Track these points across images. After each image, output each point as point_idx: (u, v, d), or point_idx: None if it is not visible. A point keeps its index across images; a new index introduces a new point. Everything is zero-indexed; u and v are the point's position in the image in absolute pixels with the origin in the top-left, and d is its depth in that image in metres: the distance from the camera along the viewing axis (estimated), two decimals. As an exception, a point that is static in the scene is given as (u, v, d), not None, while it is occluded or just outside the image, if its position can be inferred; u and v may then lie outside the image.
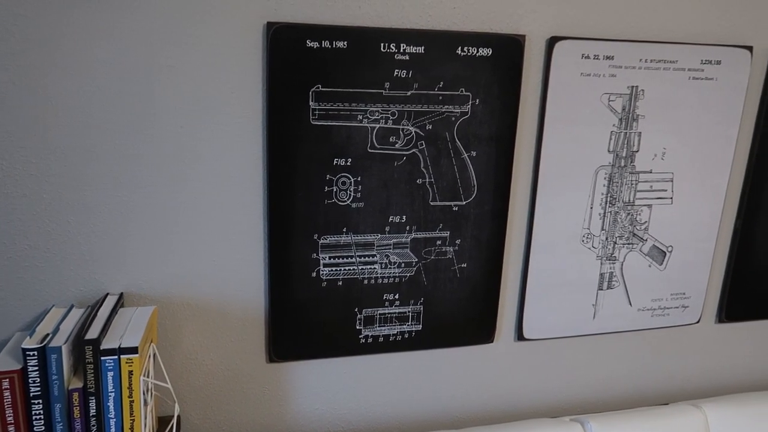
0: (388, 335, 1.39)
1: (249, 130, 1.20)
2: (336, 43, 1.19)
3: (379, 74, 1.22)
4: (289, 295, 1.30)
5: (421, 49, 1.23)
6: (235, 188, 1.23)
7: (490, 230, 1.39)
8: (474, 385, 1.51)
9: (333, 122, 1.23)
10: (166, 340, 1.28)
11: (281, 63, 1.17)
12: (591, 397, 1.62)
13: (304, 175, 1.24)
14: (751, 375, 1.76)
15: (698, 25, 1.41)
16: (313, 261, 1.30)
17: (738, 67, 1.45)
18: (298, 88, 1.19)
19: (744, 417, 1.51)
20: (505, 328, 1.49)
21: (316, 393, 1.40)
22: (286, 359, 1.35)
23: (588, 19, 1.33)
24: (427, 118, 1.28)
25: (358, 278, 1.33)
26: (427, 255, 1.36)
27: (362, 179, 1.28)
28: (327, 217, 1.28)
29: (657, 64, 1.39)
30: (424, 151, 1.29)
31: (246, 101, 1.19)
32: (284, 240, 1.27)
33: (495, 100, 1.30)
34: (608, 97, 1.38)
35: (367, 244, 1.32)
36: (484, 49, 1.27)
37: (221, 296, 1.28)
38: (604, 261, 1.50)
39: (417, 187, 1.31)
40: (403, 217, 1.32)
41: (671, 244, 1.54)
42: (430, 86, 1.26)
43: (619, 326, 1.56)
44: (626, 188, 1.46)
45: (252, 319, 1.31)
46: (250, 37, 1.16)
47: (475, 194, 1.35)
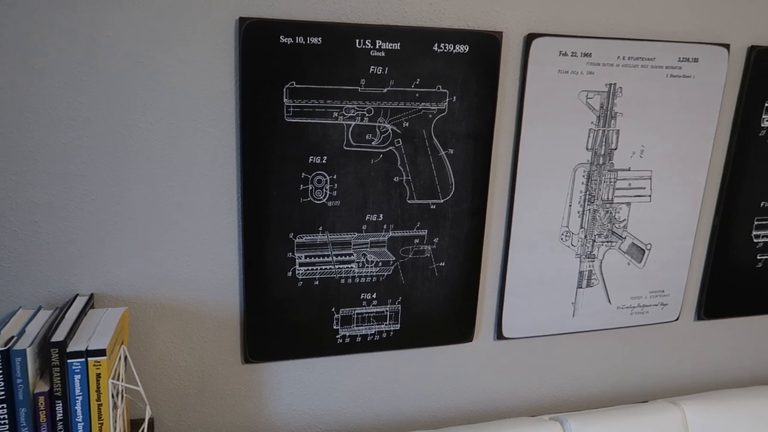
0: (365, 335, 1.38)
1: (222, 128, 1.18)
2: (310, 39, 1.17)
3: (355, 71, 1.21)
4: (264, 295, 1.28)
5: (397, 46, 1.22)
6: (209, 187, 1.21)
7: (468, 228, 1.37)
8: (453, 384, 1.50)
9: (308, 119, 1.21)
10: (139, 342, 1.25)
11: (254, 59, 1.15)
12: (571, 396, 1.61)
13: (278, 173, 1.22)
14: (730, 372, 1.77)
15: (676, 23, 1.41)
16: (289, 260, 1.28)
17: (715, 64, 1.45)
18: (272, 84, 1.17)
19: (722, 414, 1.52)
20: (484, 327, 1.48)
21: (293, 394, 1.38)
22: (261, 360, 1.33)
23: (566, 16, 1.32)
24: (403, 115, 1.26)
25: (335, 277, 1.32)
26: (405, 254, 1.35)
27: (338, 177, 1.26)
28: (303, 215, 1.26)
29: (635, 61, 1.39)
30: (401, 149, 1.28)
31: (219, 98, 1.17)
32: (259, 239, 1.25)
33: (472, 97, 1.29)
34: (586, 95, 1.38)
35: (343, 243, 1.30)
36: (461, 46, 1.26)
37: (195, 297, 1.26)
38: (583, 259, 1.50)
39: (394, 185, 1.30)
40: (380, 215, 1.31)
41: (650, 242, 1.54)
42: (407, 83, 1.24)
43: (599, 324, 1.56)
44: (605, 186, 1.46)
45: (227, 319, 1.29)
46: (222, 33, 1.14)
47: (453, 192, 1.34)
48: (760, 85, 1.51)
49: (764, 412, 1.54)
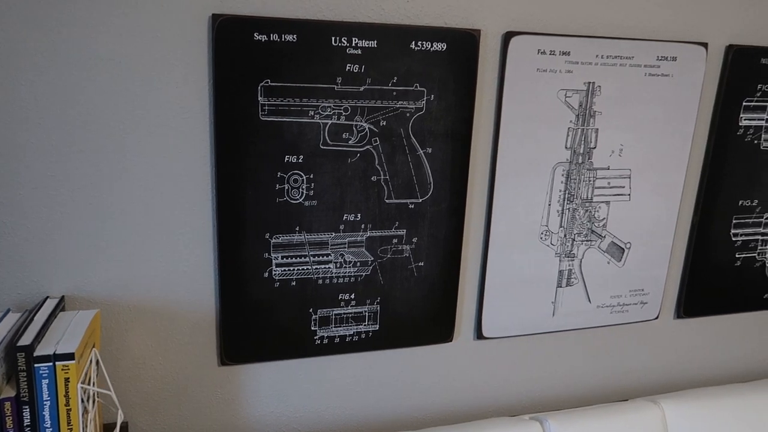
0: (344, 336, 1.36)
1: (195, 127, 1.16)
2: (285, 36, 1.15)
3: (331, 69, 1.19)
4: (240, 296, 1.27)
5: (373, 44, 1.20)
6: (182, 186, 1.19)
7: (447, 228, 1.37)
8: (433, 384, 1.49)
9: (283, 118, 1.19)
10: (112, 345, 1.23)
11: (228, 57, 1.13)
12: (551, 395, 1.61)
13: (254, 172, 1.20)
14: (709, 370, 1.78)
15: (654, 22, 1.41)
16: (265, 261, 1.26)
17: (693, 63, 1.45)
18: (247, 82, 1.15)
19: (700, 412, 1.52)
20: (464, 327, 1.47)
21: (271, 396, 1.36)
22: (238, 362, 1.31)
23: (544, 14, 1.32)
24: (380, 113, 1.25)
25: (313, 278, 1.30)
26: (383, 254, 1.34)
27: (315, 177, 1.24)
28: (279, 215, 1.24)
29: (613, 60, 1.39)
30: (379, 148, 1.27)
31: (192, 96, 1.15)
32: (234, 239, 1.23)
33: (450, 95, 1.28)
34: (565, 93, 1.37)
35: (320, 243, 1.29)
36: (439, 44, 1.25)
37: (170, 298, 1.24)
38: (562, 258, 1.49)
39: (371, 184, 1.28)
40: (357, 215, 1.29)
41: (629, 241, 1.54)
42: (384, 81, 1.23)
43: (579, 323, 1.56)
44: (584, 185, 1.45)
45: (202, 321, 1.27)
46: (194, 30, 1.12)
47: (432, 191, 1.33)
48: (738, 84, 1.51)
49: (742, 410, 1.54)
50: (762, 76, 1.52)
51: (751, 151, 1.58)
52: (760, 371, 1.84)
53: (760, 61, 1.51)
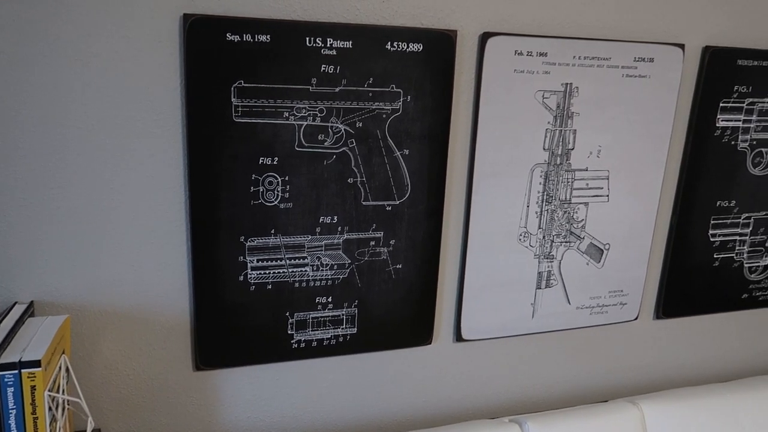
0: (321, 339, 1.35)
1: (167, 128, 1.14)
2: (258, 37, 1.14)
3: (305, 70, 1.18)
4: (215, 300, 1.25)
5: (348, 44, 1.19)
6: (154, 189, 1.17)
7: (425, 230, 1.36)
8: (412, 387, 1.48)
9: (257, 119, 1.18)
10: (83, 351, 1.21)
11: (200, 57, 1.11)
12: (531, 397, 1.61)
13: (227, 174, 1.19)
14: (689, 370, 1.79)
15: (631, 23, 1.41)
16: (240, 264, 1.24)
17: (670, 64, 1.46)
18: (219, 83, 1.14)
19: (679, 412, 1.52)
20: (443, 330, 1.46)
21: (248, 401, 1.35)
22: (214, 367, 1.29)
23: (520, 15, 1.31)
24: (356, 115, 1.24)
25: (289, 281, 1.29)
26: (361, 256, 1.32)
27: (290, 179, 1.23)
28: (254, 218, 1.23)
29: (591, 61, 1.38)
30: (355, 150, 1.26)
31: (163, 98, 1.13)
32: (209, 243, 1.21)
33: (427, 96, 1.27)
34: (542, 95, 1.37)
35: (297, 246, 1.27)
36: (415, 45, 1.24)
37: (143, 303, 1.22)
38: (541, 259, 1.49)
39: (348, 186, 1.27)
40: (334, 217, 1.28)
41: (608, 242, 1.54)
42: (360, 82, 1.22)
43: (558, 325, 1.56)
44: (562, 186, 1.45)
45: (176, 325, 1.25)
46: (165, 30, 1.10)
47: (409, 193, 1.32)
48: (715, 85, 1.52)
49: (720, 410, 1.55)
50: (738, 77, 1.53)
51: (728, 151, 1.59)
52: (739, 371, 1.84)
53: (737, 63, 1.52)
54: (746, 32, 1.52)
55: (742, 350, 1.83)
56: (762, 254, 1.72)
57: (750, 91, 1.55)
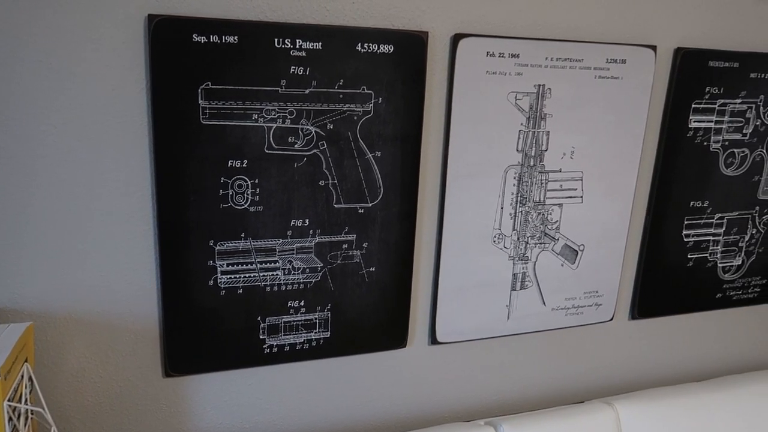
0: (294, 344, 1.33)
1: (133, 131, 1.12)
2: (225, 38, 1.12)
3: (274, 71, 1.16)
4: (185, 305, 1.23)
5: (318, 45, 1.18)
6: (121, 192, 1.14)
7: (398, 232, 1.35)
8: (387, 391, 1.47)
9: (226, 122, 1.16)
10: (48, 359, 1.18)
11: (166, 59, 1.09)
12: (508, 399, 1.61)
13: (196, 178, 1.17)
14: (665, 370, 1.79)
15: (603, 24, 1.41)
16: (210, 268, 1.22)
17: (643, 66, 1.46)
18: (186, 85, 1.12)
19: (654, 412, 1.53)
20: (418, 332, 1.45)
21: (219, 407, 1.33)
22: (184, 373, 1.27)
23: (493, 16, 1.31)
24: (327, 117, 1.23)
25: (260, 285, 1.27)
26: (333, 259, 1.31)
27: (260, 182, 1.21)
28: (223, 222, 1.21)
29: (563, 62, 1.38)
30: (326, 152, 1.24)
31: (129, 100, 1.11)
32: (177, 247, 1.19)
33: (399, 98, 1.26)
34: (515, 96, 1.36)
35: (267, 250, 1.26)
36: (386, 46, 1.23)
37: (110, 308, 1.19)
38: (516, 261, 1.49)
39: (319, 189, 1.26)
40: (305, 220, 1.27)
41: (583, 243, 1.54)
42: (330, 84, 1.21)
43: (534, 326, 1.56)
44: (536, 188, 1.45)
45: (145, 331, 1.23)
46: (129, 31, 1.08)
47: (382, 196, 1.31)
48: (687, 87, 1.52)
49: (694, 409, 1.56)
50: (710, 78, 1.54)
51: (701, 152, 1.60)
52: (714, 370, 1.86)
53: (708, 64, 1.53)
54: (717, 34, 1.53)
55: (717, 349, 1.85)
56: (735, 254, 1.74)
57: (721, 92, 1.56)
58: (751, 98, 1.59)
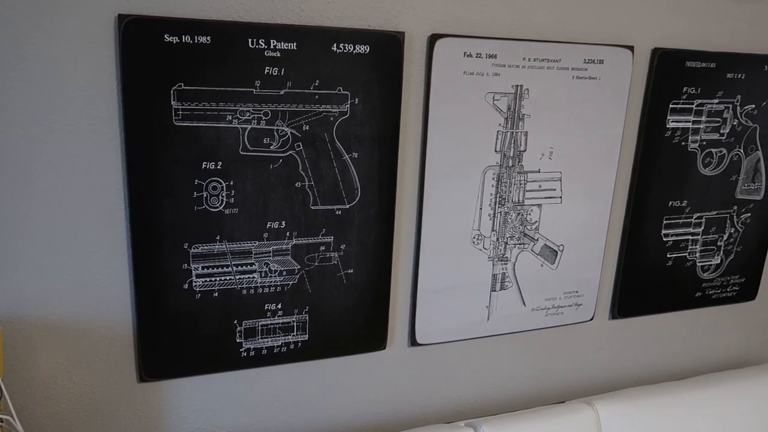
0: (272, 347, 1.32)
1: (104, 133, 1.11)
2: (198, 38, 1.10)
3: (248, 72, 1.15)
4: (159, 309, 1.21)
5: (293, 46, 1.17)
6: (93, 195, 1.12)
7: (376, 234, 1.34)
8: (367, 393, 1.46)
9: (199, 123, 1.15)
10: (19, 365, 1.16)
11: (137, 59, 1.08)
12: (488, 400, 1.60)
13: (169, 180, 1.15)
14: (646, 369, 1.80)
15: (580, 25, 1.41)
16: (185, 272, 1.21)
17: (620, 66, 1.47)
18: (158, 86, 1.10)
19: (634, 411, 1.53)
20: (397, 334, 1.44)
21: (196, 412, 1.31)
22: (159, 378, 1.25)
23: (469, 16, 1.30)
24: (303, 118, 1.21)
25: (236, 288, 1.26)
26: (311, 261, 1.30)
27: (235, 183, 1.20)
28: (197, 224, 1.19)
29: (541, 63, 1.38)
30: (302, 153, 1.23)
31: (100, 101, 1.09)
32: (151, 250, 1.17)
33: (375, 99, 1.26)
34: (493, 96, 1.36)
35: (243, 252, 1.24)
36: (362, 47, 1.22)
37: (82, 313, 1.17)
38: (495, 262, 1.48)
39: (296, 190, 1.25)
40: (282, 222, 1.25)
41: (562, 243, 1.54)
42: (305, 85, 1.20)
43: (514, 327, 1.56)
44: (515, 188, 1.45)
45: (119, 336, 1.21)
46: (100, 31, 1.06)
47: (359, 197, 1.30)
48: (664, 87, 1.53)
49: (673, 407, 1.56)
50: (687, 78, 1.55)
51: (679, 152, 1.60)
52: (694, 369, 1.87)
53: (685, 64, 1.54)
54: (694, 34, 1.54)
55: (697, 348, 1.86)
56: (714, 253, 1.75)
57: (699, 92, 1.57)
58: (727, 98, 1.60)
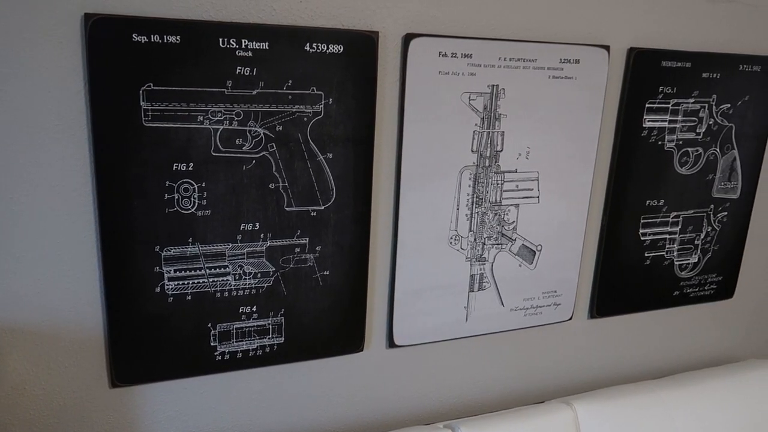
0: (247, 350, 1.30)
1: (72, 134, 1.08)
2: (167, 37, 1.09)
3: (220, 72, 1.13)
4: (131, 313, 1.19)
5: (265, 45, 1.15)
6: (60, 198, 1.10)
7: (352, 235, 1.33)
8: (344, 396, 1.45)
9: (170, 124, 1.13)
10: (-15, 371, 1.13)
11: (104, 59, 1.06)
12: (467, 401, 1.60)
13: (139, 182, 1.13)
14: (625, 368, 1.81)
15: (556, 25, 1.41)
16: (157, 275, 1.19)
17: (596, 66, 1.47)
18: (127, 87, 1.08)
19: (612, 410, 1.54)
20: (375, 336, 1.43)
21: (170, 417, 1.29)
22: (131, 383, 1.23)
23: (444, 16, 1.30)
24: (276, 118, 1.20)
25: (210, 291, 1.24)
26: (286, 263, 1.29)
27: (207, 185, 1.18)
28: (169, 227, 1.17)
29: (516, 62, 1.38)
30: (276, 154, 1.22)
31: (66, 102, 1.07)
32: (121, 254, 1.15)
33: (350, 99, 1.24)
34: (469, 96, 1.36)
35: (217, 255, 1.23)
36: (335, 46, 1.21)
37: (51, 318, 1.15)
38: (473, 262, 1.48)
39: (270, 192, 1.23)
40: (256, 224, 1.24)
41: (540, 243, 1.54)
42: (278, 85, 1.18)
43: (493, 327, 1.55)
44: (492, 188, 1.44)
45: (89, 341, 1.19)
46: (66, 30, 1.04)
47: (334, 198, 1.29)
48: (640, 86, 1.53)
49: (652, 406, 1.57)
50: (663, 78, 1.55)
51: (655, 152, 1.61)
52: (673, 367, 1.88)
53: (661, 64, 1.54)
54: (670, 34, 1.55)
55: (675, 347, 1.87)
56: (691, 252, 1.76)
57: (675, 91, 1.58)
58: (703, 98, 1.61)
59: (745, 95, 1.67)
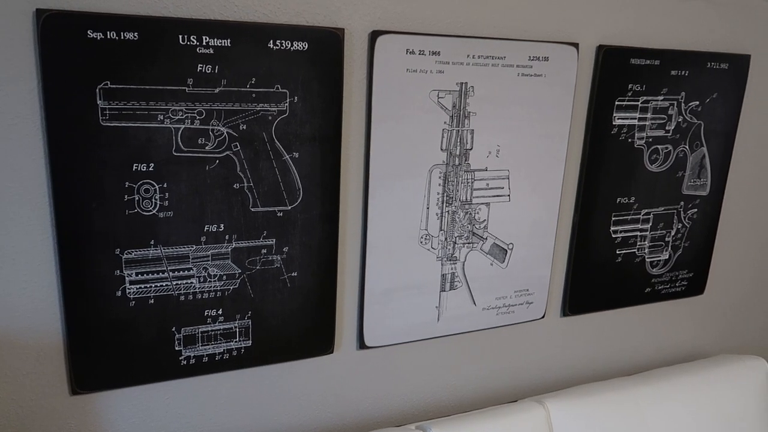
0: (213, 354, 1.28)
1: (25, 134, 1.05)
2: (124, 34, 1.06)
3: (180, 70, 1.11)
4: (91, 318, 1.16)
5: (227, 42, 1.13)
6: (14, 201, 1.07)
7: (320, 235, 1.31)
8: (315, 399, 1.43)
9: (128, 123, 1.10)
10: (-63, 380, 1.09)
11: (58, 56, 1.02)
12: (440, 402, 1.58)
13: (97, 183, 1.10)
14: (598, 365, 1.81)
15: (524, 22, 1.40)
16: (117, 278, 1.16)
17: (565, 63, 1.46)
18: (82, 85, 1.05)
19: (584, 408, 1.53)
20: (345, 337, 1.41)
21: (134, 425, 1.26)
22: (93, 390, 1.20)
23: (412, 13, 1.28)
24: (240, 117, 1.18)
25: (173, 294, 1.21)
26: (252, 265, 1.26)
27: (169, 186, 1.15)
28: (130, 229, 1.14)
29: (485, 60, 1.37)
30: (240, 154, 1.19)
31: (18, 101, 1.03)
32: (79, 257, 1.12)
33: (315, 97, 1.22)
34: (437, 94, 1.34)
35: (180, 257, 1.20)
36: (299, 43, 1.18)
37: (8, 325, 1.11)
38: (444, 262, 1.47)
39: (234, 192, 1.21)
40: (220, 225, 1.21)
41: (512, 242, 1.53)
42: (241, 83, 1.16)
43: (465, 327, 1.54)
44: (462, 187, 1.43)
45: (48, 347, 1.15)
46: (17, 26, 1.00)
47: (301, 198, 1.27)
48: (610, 84, 1.53)
49: (624, 403, 1.57)
50: (632, 75, 1.56)
51: (625, 149, 1.61)
52: (645, 363, 1.89)
53: (630, 62, 1.54)
54: (639, 31, 1.55)
55: (648, 343, 1.88)
56: (662, 249, 1.76)
57: (644, 89, 1.58)
58: (672, 95, 1.62)
59: (714, 92, 1.68)
